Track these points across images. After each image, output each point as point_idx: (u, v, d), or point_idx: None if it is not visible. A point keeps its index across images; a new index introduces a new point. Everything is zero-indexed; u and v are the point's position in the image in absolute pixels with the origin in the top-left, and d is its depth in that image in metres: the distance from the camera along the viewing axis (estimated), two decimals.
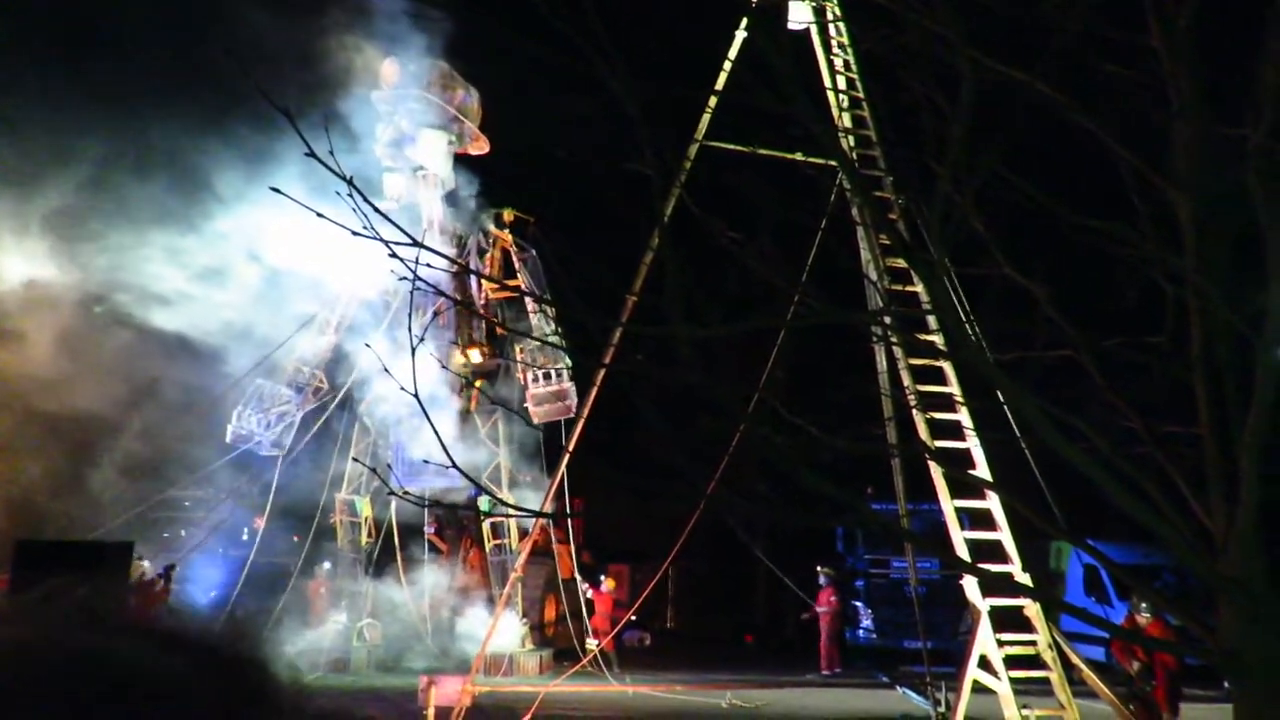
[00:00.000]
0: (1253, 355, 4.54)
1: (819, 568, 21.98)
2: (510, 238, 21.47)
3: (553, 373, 19.32)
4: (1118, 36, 4.86)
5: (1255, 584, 4.46)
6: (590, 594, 20.10)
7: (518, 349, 20.10)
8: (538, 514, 10.85)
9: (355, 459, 19.63)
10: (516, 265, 21.17)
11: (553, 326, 19.54)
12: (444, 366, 11.79)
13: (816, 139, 5.00)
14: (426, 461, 6.46)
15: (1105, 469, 4.62)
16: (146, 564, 17.20)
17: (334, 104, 18.70)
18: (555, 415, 19.33)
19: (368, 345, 5.72)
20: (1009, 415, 7.65)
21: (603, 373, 11.22)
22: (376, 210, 3.29)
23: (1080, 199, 5.58)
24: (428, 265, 3.42)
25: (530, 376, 19.39)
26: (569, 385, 18.26)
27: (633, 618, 18.95)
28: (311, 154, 3.17)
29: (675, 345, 4.18)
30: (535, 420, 19.60)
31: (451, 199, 21.20)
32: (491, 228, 21.73)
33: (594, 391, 12.91)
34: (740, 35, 12.75)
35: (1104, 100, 5.13)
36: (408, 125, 20.25)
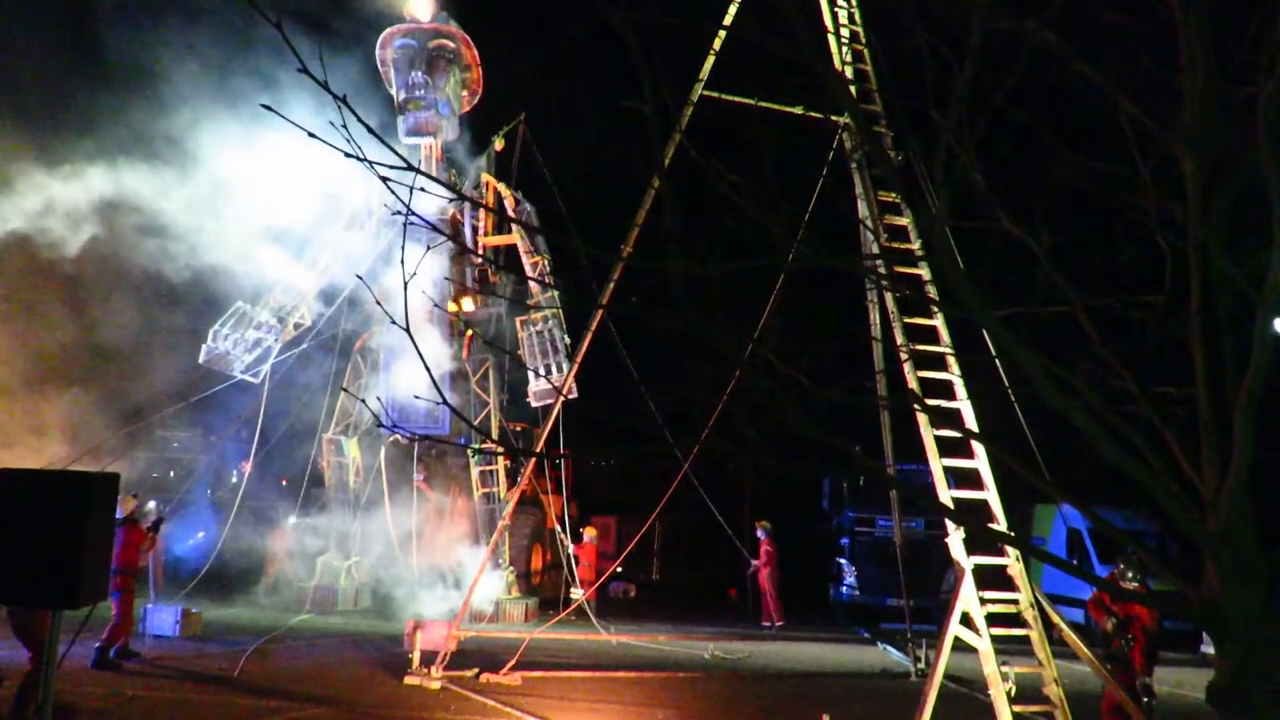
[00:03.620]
0: (1251, 313, 4.52)
1: (757, 522, 22.19)
2: (505, 188, 21.30)
3: (553, 367, 19.23)
4: None
5: (1242, 541, 4.48)
6: (573, 550, 20.27)
7: (520, 331, 19.96)
8: (529, 452, 10.84)
9: (345, 389, 19.57)
10: (511, 214, 21.03)
11: (547, 272, 19.53)
12: (438, 306, 11.72)
13: (823, 84, 4.92)
14: (417, 398, 6.40)
15: (1098, 425, 4.60)
16: (152, 505, 17.09)
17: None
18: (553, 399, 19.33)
19: (359, 277, 5.63)
20: (1000, 370, 7.64)
21: (599, 314, 11.18)
22: (370, 130, 3.22)
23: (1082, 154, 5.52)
24: (423, 190, 3.35)
25: (531, 373, 19.30)
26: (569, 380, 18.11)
27: (618, 569, 19.09)
28: (304, 70, 3.09)
29: (672, 289, 4.14)
30: (534, 403, 19.62)
31: (446, 148, 21.02)
32: (486, 177, 21.55)
33: (589, 336, 12.85)
34: None
35: (1108, 51, 5.06)
36: (442, 63, 20.03)
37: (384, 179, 3.35)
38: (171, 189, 17.08)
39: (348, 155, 3.18)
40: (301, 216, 19.14)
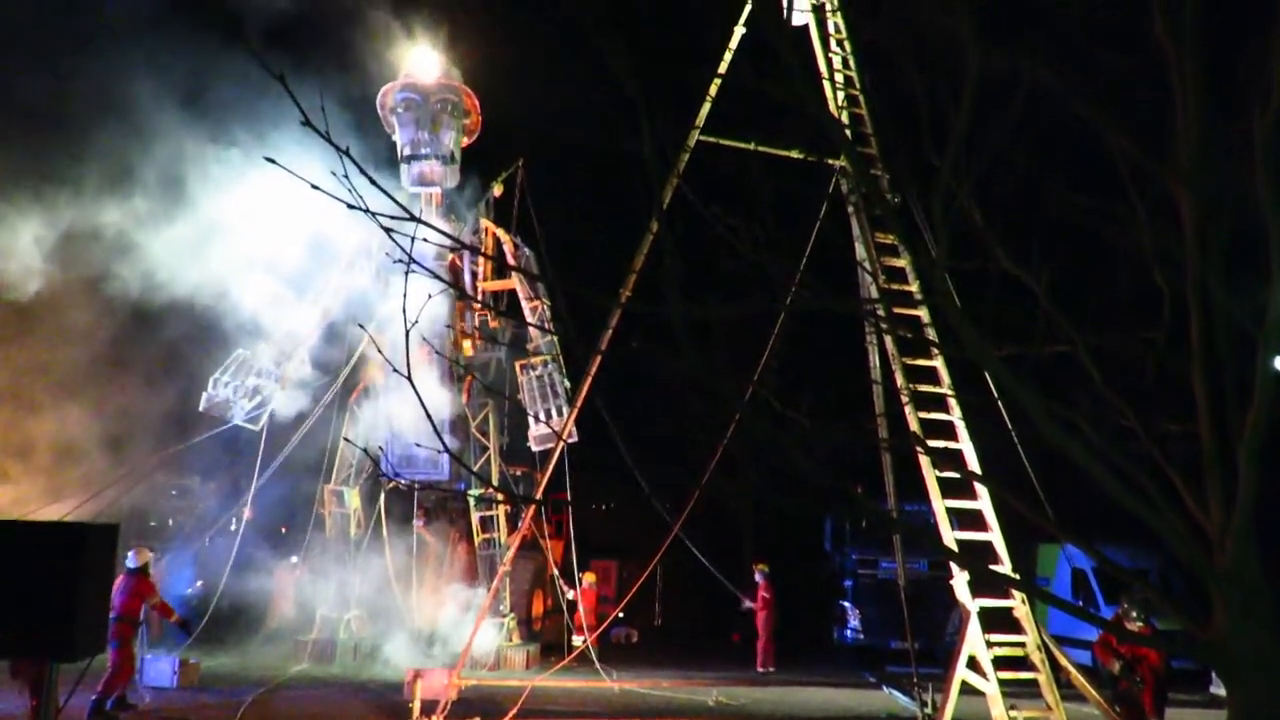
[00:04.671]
0: (1252, 350, 4.52)
1: (754, 565, 21.99)
2: (504, 233, 21.38)
3: (553, 411, 19.18)
4: (1121, 24, 4.84)
5: (1249, 578, 4.44)
6: (571, 595, 20.02)
7: (520, 375, 19.96)
8: (529, 499, 10.78)
9: (347, 439, 19.48)
10: (510, 260, 21.09)
11: (547, 317, 19.57)
12: (438, 352, 11.71)
13: (822, 129, 4.98)
14: (418, 445, 6.39)
15: (1102, 464, 4.59)
16: (150, 555, 16.89)
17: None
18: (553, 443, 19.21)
19: (360, 326, 5.66)
20: (1001, 410, 7.63)
21: (598, 359, 11.17)
22: (373, 183, 3.24)
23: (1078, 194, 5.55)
24: (424, 240, 3.36)
25: (531, 417, 19.24)
26: (570, 425, 17.81)
27: (620, 614, 18.88)
28: (308, 123, 3.11)
29: (673, 334, 4.14)
30: (534, 448, 19.55)
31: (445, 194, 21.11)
32: (485, 222, 21.65)
33: (588, 380, 12.84)
34: (739, 31, 12.79)
35: (1105, 90, 5.11)
36: (446, 118, 20.20)
37: (387, 230, 3.36)
38: (161, 227, 17.03)
39: (351, 207, 3.20)
40: (299, 258, 19.13)
